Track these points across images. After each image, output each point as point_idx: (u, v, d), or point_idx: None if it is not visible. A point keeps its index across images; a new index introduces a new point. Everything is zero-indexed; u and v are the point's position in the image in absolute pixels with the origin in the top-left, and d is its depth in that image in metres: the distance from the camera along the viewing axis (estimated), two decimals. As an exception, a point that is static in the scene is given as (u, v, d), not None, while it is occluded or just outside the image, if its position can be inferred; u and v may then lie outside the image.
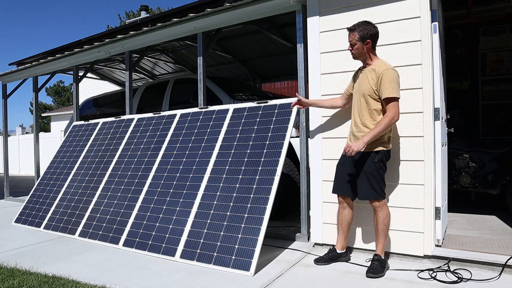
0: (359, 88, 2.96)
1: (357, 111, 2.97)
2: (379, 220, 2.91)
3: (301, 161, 3.77)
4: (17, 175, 15.66)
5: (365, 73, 2.95)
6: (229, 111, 4.08)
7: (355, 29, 2.90)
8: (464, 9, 5.02)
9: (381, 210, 2.90)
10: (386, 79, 2.76)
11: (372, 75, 2.87)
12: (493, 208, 4.93)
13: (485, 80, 5.96)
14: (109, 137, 5.07)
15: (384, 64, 2.88)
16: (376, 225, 2.93)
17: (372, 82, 2.85)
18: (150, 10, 16.90)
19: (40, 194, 5.17)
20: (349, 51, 3.00)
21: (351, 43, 2.94)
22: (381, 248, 2.93)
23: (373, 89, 2.84)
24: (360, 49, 2.91)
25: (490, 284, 2.57)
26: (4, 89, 7.56)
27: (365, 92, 2.89)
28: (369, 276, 2.77)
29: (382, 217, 2.90)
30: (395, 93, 2.76)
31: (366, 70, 2.95)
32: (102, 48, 5.50)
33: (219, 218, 3.33)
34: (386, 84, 2.76)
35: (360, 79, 2.99)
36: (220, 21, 4.34)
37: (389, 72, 2.79)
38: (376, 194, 2.88)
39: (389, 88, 2.75)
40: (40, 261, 3.39)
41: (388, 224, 2.94)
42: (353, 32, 2.91)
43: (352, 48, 2.95)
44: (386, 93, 2.76)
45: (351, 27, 2.94)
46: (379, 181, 2.89)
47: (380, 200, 2.90)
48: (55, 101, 34.05)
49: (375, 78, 2.84)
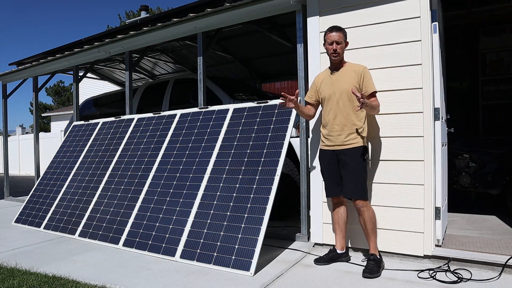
0: (338, 87, 3.01)
1: (338, 111, 2.99)
2: (366, 219, 2.94)
3: (301, 161, 3.77)
4: (17, 175, 15.66)
5: (341, 74, 3.04)
6: (229, 111, 4.08)
7: (341, 29, 3.03)
8: (464, 9, 5.02)
9: (367, 209, 2.94)
10: (368, 76, 2.98)
11: (352, 74, 2.99)
12: (493, 208, 4.93)
13: (485, 80, 5.95)
14: (109, 137, 5.07)
15: (358, 64, 3.09)
16: (365, 225, 2.96)
17: (354, 81, 2.96)
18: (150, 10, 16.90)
19: (40, 194, 5.17)
20: (333, 50, 2.99)
21: (338, 41, 2.99)
22: (374, 247, 2.95)
23: (356, 86, 2.95)
24: (343, 49, 3.04)
25: (490, 284, 2.57)
26: (4, 89, 7.56)
27: (349, 90, 2.95)
28: (365, 276, 2.77)
29: (369, 216, 2.93)
30: (375, 87, 3.00)
31: (342, 71, 3.05)
32: (102, 48, 5.50)
33: (219, 218, 3.33)
34: (369, 80, 2.97)
35: (334, 80, 3.06)
36: (220, 21, 4.34)
37: (367, 70, 3.02)
38: (364, 193, 2.92)
39: (372, 84, 2.98)
40: (40, 261, 3.39)
41: (375, 221, 2.99)
42: (340, 32, 3.02)
43: (337, 46, 2.98)
44: (373, 87, 2.97)
45: (335, 27, 3.04)
46: (365, 179, 2.97)
47: (366, 199, 2.94)
48: (55, 101, 34.05)
49: (356, 77, 2.97)
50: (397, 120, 3.15)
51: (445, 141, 3.68)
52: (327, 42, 3.03)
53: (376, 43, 3.23)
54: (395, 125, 3.16)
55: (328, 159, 3.08)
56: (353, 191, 2.93)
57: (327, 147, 3.09)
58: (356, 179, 2.91)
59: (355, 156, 2.93)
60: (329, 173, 3.10)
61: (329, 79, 3.10)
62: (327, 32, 3.04)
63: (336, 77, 3.06)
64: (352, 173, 2.93)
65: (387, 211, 3.18)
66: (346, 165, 2.96)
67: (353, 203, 2.96)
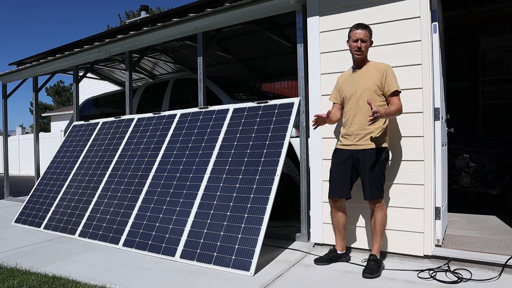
0: (359, 86, 2.95)
1: (359, 110, 2.94)
2: (377, 220, 2.91)
3: (301, 161, 3.77)
4: (17, 175, 15.66)
5: (363, 72, 2.97)
6: (229, 111, 4.08)
7: (367, 27, 2.96)
8: (464, 9, 5.03)
9: (380, 210, 2.90)
10: (390, 75, 2.90)
11: (374, 72, 2.92)
12: (493, 208, 4.93)
13: (485, 80, 5.95)
14: (109, 137, 5.07)
15: (381, 62, 3.02)
16: (374, 225, 2.92)
17: (376, 79, 2.90)
18: (150, 10, 16.91)
19: (40, 194, 5.17)
20: (357, 48, 2.92)
21: (363, 39, 2.91)
22: (377, 248, 2.93)
23: (378, 85, 2.89)
24: (368, 47, 2.98)
25: (490, 284, 2.57)
26: (4, 89, 7.56)
27: (371, 89, 2.90)
28: (365, 276, 2.77)
29: (380, 217, 2.90)
30: (399, 87, 2.91)
31: (364, 69, 2.98)
32: (102, 48, 5.50)
33: (219, 218, 3.33)
34: (392, 79, 2.89)
35: (355, 79, 3.00)
36: (220, 21, 4.34)
37: (390, 68, 2.94)
38: (380, 194, 2.87)
39: (395, 83, 2.89)
40: (40, 261, 3.39)
41: (385, 224, 2.95)
42: (366, 29, 2.95)
43: (362, 44, 2.91)
44: (395, 86, 2.88)
45: (362, 24, 2.97)
46: (383, 179, 2.91)
47: (381, 200, 2.90)
48: (55, 101, 34.05)
49: (378, 75, 2.90)
50: (397, 120, 3.14)
51: (445, 141, 3.68)
52: (352, 39, 2.95)
53: (376, 43, 3.23)
54: (395, 125, 3.16)
55: (342, 158, 3.00)
56: (370, 193, 2.86)
57: (344, 146, 3.02)
58: (374, 181, 2.85)
59: (372, 157, 2.87)
60: (339, 173, 3.01)
61: (350, 78, 3.03)
62: (353, 28, 2.97)
63: (357, 75, 2.99)
64: (369, 175, 2.86)
65: (387, 211, 3.18)
66: (364, 166, 2.89)
67: (369, 204, 2.93)
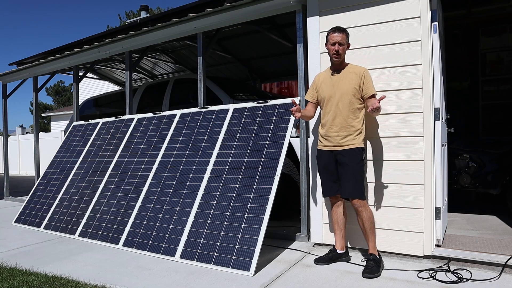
0: (338, 89, 3.01)
1: (338, 112, 3.00)
2: (364, 219, 2.94)
3: (301, 161, 3.77)
4: (17, 175, 15.66)
5: (342, 75, 3.04)
6: (229, 111, 4.08)
7: (344, 30, 3.02)
8: (464, 9, 5.03)
9: (365, 209, 2.94)
10: (368, 79, 2.99)
11: (352, 76, 2.99)
12: (493, 208, 4.93)
13: (485, 80, 5.95)
14: (109, 137, 5.07)
15: (358, 66, 3.09)
16: (363, 225, 2.96)
17: (355, 83, 2.97)
18: (150, 10, 16.90)
19: (40, 194, 5.17)
20: (334, 51, 2.98)
21: (340, 42, 2.97)
22: (373, 246, 2.96)
23: (356, 88, 2.96)
24: (345, 50, 3.04)
25: (490, 284, 2.57)
26: (4, 89, 7.56)
27: (350, 92, 2.96)
28: (365, 276, 2.77)
29: (367, 215, 2.94)
30: (375, 89, 3.00)
31: (343, 72, 3.05)
32: (102, 48, 5.50)
33: (219, 218, 3.33)
34: (369, 83, 2.98)
35: (335, 82, 3.05)
36: (220, 21, 4.34)
37: (367, 72, 3.02)
38: (361, 193, 2.93)
39: (372, 86, 2.98)
40: (40, 261, 3.39)
41: (373, 221, 2.99)
42: (343, 33, 3.00)
43: (340, 47, 2.97)
44: (372, 90, 2.97)
45: (339, 28, 3.02)
46: (363, 179, 2.98)
47: (363, 199, 2.94)
48: (55, 101, 34.05)
49: (356, 79, 2.97)
50: (397, 120, 3.15)
51: (445, 141, 3.68)
52: (329, 43, 3.01)
53: (376, 43, 3.23)
54: (395, 125, 3.16)
55: (326, 159, 3.09)
56: (350, 191, 2.93)
57: (325, 147, 3.10)
58: (353, 179, 2.92)
59: (352, 157, 2.94)
60: (327, 173, 3.11)
61: (329, 80, 3.09)
62: (330, 32, 3.03)
63: (337, 78, 3.05)
64: (349, 174, 2.93)
65: (387, 211, 3.18)
66: (344, 165, 2.96)
67: (351, 203, 2.97)
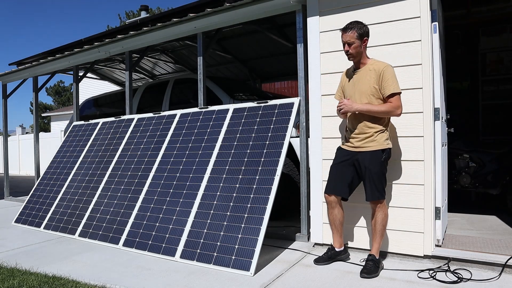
0: (358, 89, 2.93)
1: (356, 114, 2.93)
2: (377, 220, 2.90)
3: (301, 161, 3.77)
4: (17, 175, 15.66)
5: (362, 74, 2.94)
6: (229, 111, 4.08)
7: (353, 28, 2.88)
8: (464, 9, 5.03)
9: (381, 211, 2.89)
10: (387, 76, 2.81)
11: (372, 74, 2.87)
12: (493, 208, 4.93)
13: (485, 80, 5.95)
14: (109, 137, 5.07)
15: (381, 62, 2.92)
16: (374, 225, 2.92)
17: (374, 81, 2.85)
18: (150, 10, 16.91)
19: (40, 194, 5.17)
20: (345, 51, 2.93)
21: (348, 42, 2.88)
22: (376, 248, 2.92)
23: (375, 88, 2.85)
24: (358, 48, 2.89)
25: (490, 284, 2.57)
26: (4, 89, 7.56)
27: (368, 92, 2.87)
28: (363, 276, 2.76)
29: (381, 217, 2.89)
30: (398, 88, 2.82)
31: (362, 70, 2.94)
32: (102, 48, 5.50)
33: (219, 218, 3.33)
34: (389, 81, 2.81)
35: (355, 80, 2.97)
36: (220, 21, 4.34)
37: (389, 68, 2.85)
38: (380, 194, 2.87)
39: (393, 84, 2.81)
40: (40, 261, 3.39)
41: (386, 224, 2.94)
42: (351, 31, 2.87)
43: (349, 47, 2.89)
44: (391, 88, 2.80)
45: (346, 26, 2.92)
46: (384, 180, 2.90)
47: (382, 200, 2.90)
48: (55, 101, 34.06)
49: (375, 77, 2.85)
50: (397, 120, 3.14)
51: (445, 141, 3.68)
52: (342, 43, 2.96)
53: (376, 43, 3.23)
54: (395, 125, 3.15)
55: (342, 158, 3.01)
56: (371, 194, 2.87)
57: (346, 146, 3.04)
58: (374, 182, 2.85)
59: (372, 158, 2.86)
60: (337, 171, 3.02)
61: (351, 78, 3.02)
62: (341, 32, 2.96)
63: (357, 77, 2.97)
64: (370, 177, 2.86)
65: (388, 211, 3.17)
66: (364, 167, 2.89)
67: (370, 204, 2.93)
